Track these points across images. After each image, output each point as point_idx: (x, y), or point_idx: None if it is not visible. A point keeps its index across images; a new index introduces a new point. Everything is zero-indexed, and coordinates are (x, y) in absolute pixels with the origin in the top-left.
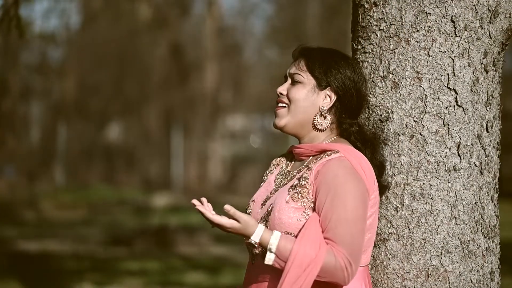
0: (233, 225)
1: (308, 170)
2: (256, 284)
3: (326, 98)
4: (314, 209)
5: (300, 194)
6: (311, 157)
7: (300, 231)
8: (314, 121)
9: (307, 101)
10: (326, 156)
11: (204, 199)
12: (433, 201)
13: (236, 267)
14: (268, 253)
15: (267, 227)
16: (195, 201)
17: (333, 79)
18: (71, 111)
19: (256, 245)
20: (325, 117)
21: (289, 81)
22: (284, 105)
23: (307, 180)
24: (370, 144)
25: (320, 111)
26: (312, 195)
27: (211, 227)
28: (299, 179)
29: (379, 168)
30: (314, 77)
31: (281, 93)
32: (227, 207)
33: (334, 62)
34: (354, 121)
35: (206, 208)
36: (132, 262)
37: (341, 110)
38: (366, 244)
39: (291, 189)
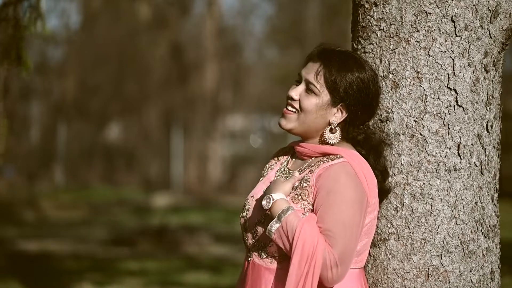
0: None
1: (310, 173)
2: (251, 281)
3: (338, 113)
4: (312, 212)
5: (300, 196)
6: (313, 158)
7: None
8: (324, 135)
9: (318, 114)
10: (330, 161)
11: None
12: (433, 201)
13: (236, 267)
14: (275, 219)
15: (264, 224)
16: None
17: (349, 97)
18: (71, 111)
19: (270, 203)
20: (334, 132)
21: (303, 86)
22: (294, 110)
23: (308, 183)
24: (375, 150)
25: (330, 125)
26: (312, 198)
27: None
28: (299, 180)
29: (383, 173)
30: (329, 93)
31: (293, 98)
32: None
33: (352, 78)
34: (361, 129)
35: None
36: (132, 262)
37: (350, 124)
38: (363, 248)
39: (291, 190)
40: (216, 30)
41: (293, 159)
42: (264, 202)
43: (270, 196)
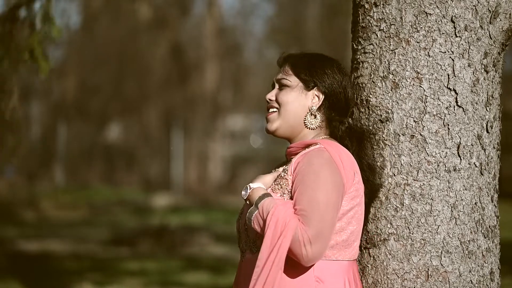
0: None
1: (290, 163)
2: (245, 279)
3: (315, 98)
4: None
5: (279, 185)
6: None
7: None
8: (305, 121)
9: (296, 103)
10: (307, 149)
11: None
12: (433, 202)
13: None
14: (253, 206)
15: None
16: None
17: (319, 79)
18: (71, 111)
19: (248, 191)
20: (315, 116)
21: (277, 86)
22: (274, 110)
23: (287, 172)
24: (358, 140)
25: (309, 111)
26: (291, 186)
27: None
28: (281, 172)
29: (370, 166)
30: (300, 79)
31: (270, 99)
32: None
33: (318, 63)
34: (344, 119)
35: None
36: (132, 262)
37: (330, 108)
38: (350, 238)
39: (273, 182)
40: (216, 30)
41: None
42: (243, 192)
43: (248, 186)
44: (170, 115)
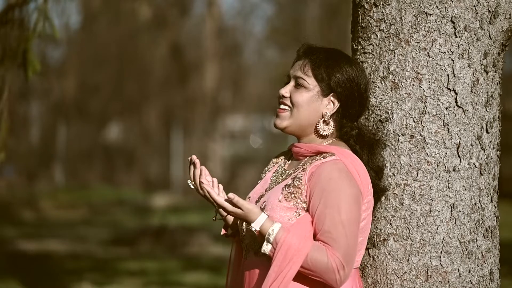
0: (236, 211)
1: (303, 171)
2: (248, 280)
3: (330, 104)
4: (306, 210)
5: (293, 194)
6: (307, 158)
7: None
8: (317, 127)
9: (310, 107)
10: (322, 158)
11: (215, 179)
12: (432, 202)
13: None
14: (265, 242)
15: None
16: (203, 177)
17: (338, 86)
18: (71, 111)
19: (256, 233)
20: (328, 123)
21: (292, 83)
22: (286, 107)
23: (300, 181)
24: (368, 147)
25: (323, 117)
26: (305, 196)
27: (214, 209)
28: (293, 179)
29: (377, 171)
30: (318, 84)
31: (284, 95)
32: (231, 195)
33: (339, 68)
34: (355, 124)
35: (213, 188)
36: (132, 262)
37: (343, 115)
38: (357, 247)
39: (284, 189)
40: (216, 30)
41: (290, 161)
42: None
43: (253, 229)
44: (170, 115)
